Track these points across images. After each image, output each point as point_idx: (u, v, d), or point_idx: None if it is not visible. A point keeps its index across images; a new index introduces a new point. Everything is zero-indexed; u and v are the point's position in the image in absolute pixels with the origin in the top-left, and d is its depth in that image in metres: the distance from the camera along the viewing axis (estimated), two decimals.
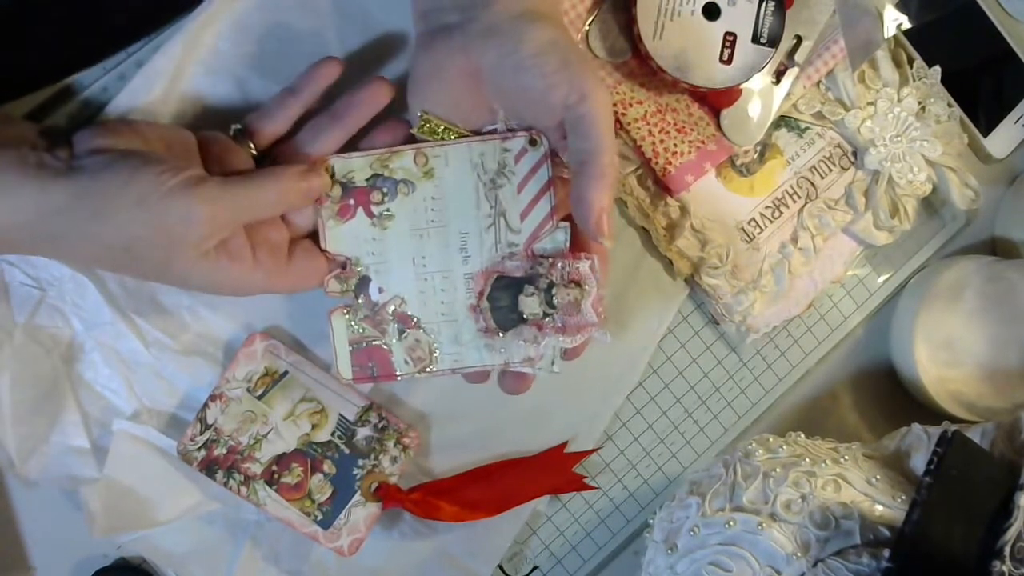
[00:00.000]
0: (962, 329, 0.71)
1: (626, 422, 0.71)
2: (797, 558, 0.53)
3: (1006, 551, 0.48)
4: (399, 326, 0.59)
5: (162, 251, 0.52)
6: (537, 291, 0.57)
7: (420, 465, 0.67)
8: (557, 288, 0.57)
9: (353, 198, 0.59)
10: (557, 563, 0.70)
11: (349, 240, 0.59)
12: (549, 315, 0.57)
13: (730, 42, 0.64)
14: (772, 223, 0.70)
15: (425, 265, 0.59)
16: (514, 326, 0.58)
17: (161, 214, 0.51)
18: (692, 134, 0.67)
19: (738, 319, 0.70)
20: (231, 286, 0.56)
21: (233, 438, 0.63)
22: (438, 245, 0.59)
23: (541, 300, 0.57)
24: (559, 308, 0.57)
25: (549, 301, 0.57)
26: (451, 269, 0.59)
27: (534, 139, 0.57)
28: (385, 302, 0.59)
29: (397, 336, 0.59)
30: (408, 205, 0.58)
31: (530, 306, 0.57)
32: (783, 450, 0.60)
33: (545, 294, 0.57)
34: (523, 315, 0.57)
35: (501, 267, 0.58)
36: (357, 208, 0.59)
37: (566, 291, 0.57)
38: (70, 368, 0.63)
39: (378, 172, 0.58)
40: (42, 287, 0.62)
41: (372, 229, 0.59)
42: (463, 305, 0.59)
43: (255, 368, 0.63)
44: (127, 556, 0.65)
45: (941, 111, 0.71)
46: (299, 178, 0.56)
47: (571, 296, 0.57)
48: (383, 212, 0.59)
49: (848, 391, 0.75)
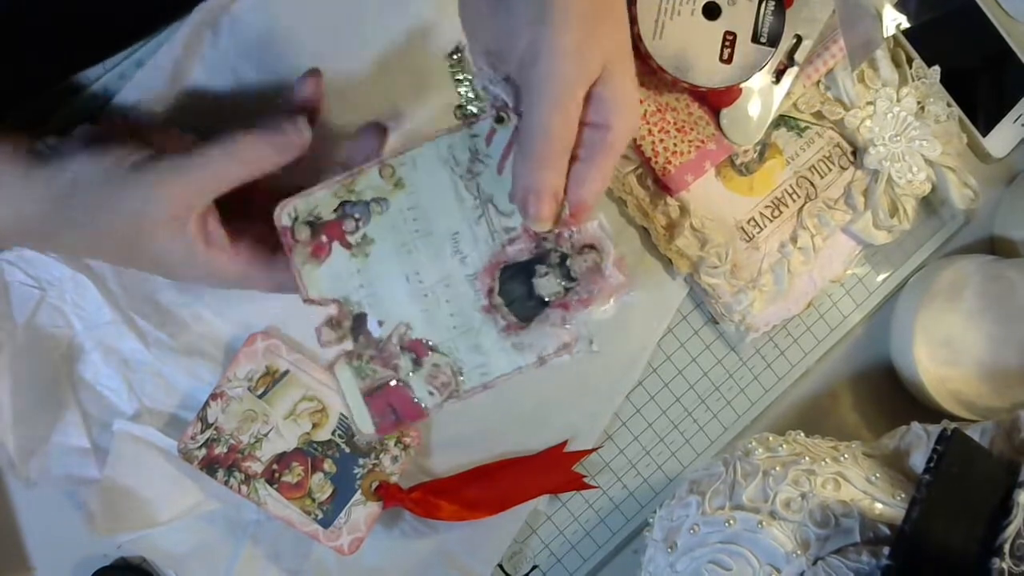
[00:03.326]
0: (961, 328, 0.71)
1: (626, 421, 0.71)
2: (797, 556, 0.53)
3: (1005, 548, 0.48)
4: (411, 356, 0.52)
5: (134, 232, 0.51)
6: (551, 268, 0.52)
7: (420, 464, 0.67)
8: (572, 258, 0.51)
9: (325, 234, 0.52)
10: (557, 562, 0.70)
11: (331, 280, 0.52)
12: (571, 289, 0.51)
13: (730, 41, 0.64)
14: (771, 222, 0.70)
15: (421, 281, 0.52)
16: (537, 313, 0.52)
17: (120, 198, 0.50)
18: (692, 133, 0.67)
19: (737, 318, 0.70)
20: (211, 275, 0.53)
21: (234, 437, 0.63)
22: (429, 255, 0.52)
23: (558, 276, 0.52)
24: (579, 279, 0.51)
25: (567, 274, 0.51)
26: (451, 275, 0.52)
27: (500, 116, 0.51)
28: (389, 334, 0.52)
29: (412, 368, 0.52)
30: (386, 223, 0.52)
31: (548, 286, 0.52)
32: (783, 449, 0.60)
33: (560, 268, 0.51)
34: (543, 299, 0.52)
35: (504, 256, 0.52)
36: (332, 243, 0.52)
37: (582, 258, 0.51)
38: (70, 368, 0.63)
39: (345, 199, 0.52)
40: (42, 287, 0.62)
41: (353, 261, 0.52)
42: (475, 310, 0.52)
43: (256, 367, 0.63)
44: (127, 556, 0.65)
45: (940, 111, 0.71)
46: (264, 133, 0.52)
47: (589, 261, 0.51)
48: (360, 239, 0.52)
49: (848, 390, 0.75)
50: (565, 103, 0.47)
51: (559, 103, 0.46)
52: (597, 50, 0.47)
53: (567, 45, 0.46)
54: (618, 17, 0.49)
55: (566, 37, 0.45)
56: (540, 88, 0.46)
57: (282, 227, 0.52)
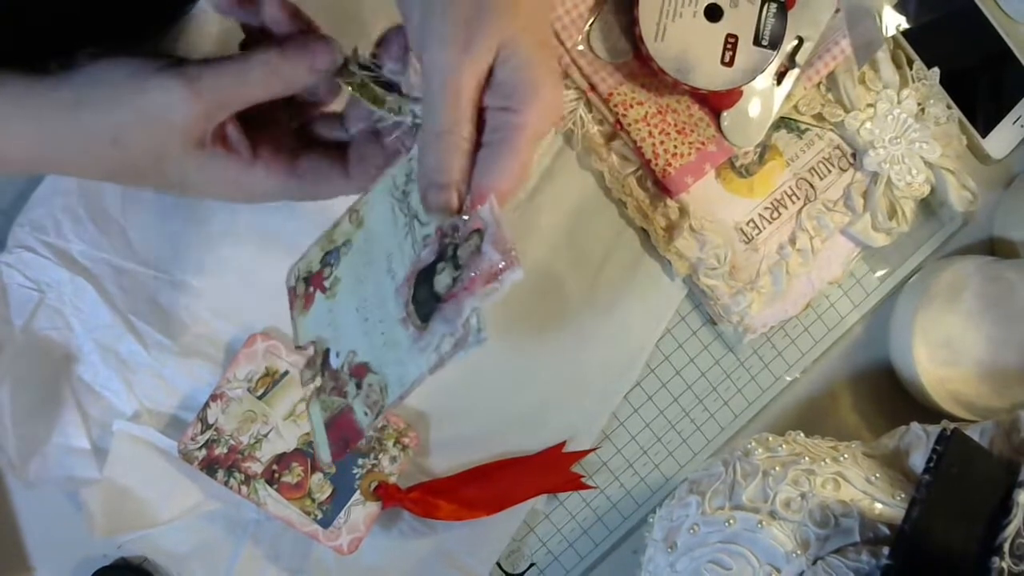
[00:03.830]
0: (961, 329, 0.71)
1: (623, 421, 0.71)
2: (797, 556, 0.53)
3: (1005, 548, 0.48)
4: (356, 380, 0.52)
5: (149, 139, 0.48)
6: (446, 262, 0.49)
7: (419, 464, 0.67)
8: (460, 246, 0.48)
9: (312, 285, 0.55)
10: (554, 560, 0.71)
11: (313, 325, 0.54)
12: (457, 278, 0.48)
13: (732, 44, 0.64)
14: (771, 224, 0.70)
15: (365, 307, 0.52)
16: (433, 312, 0.49)
17: (143, 95, 0.47)
18: (692, 135, 0.67)
19: (736, 319, 0.70)
20: (232, 184, 0.51)
21: (234, 437, 0.63)
22: (374, 282, 0.52)
23: (451, 269, 0.49)
24: (464, 266, 0.48)
25: (456, 264, 0.49)
26: (384, 295, 0.52)
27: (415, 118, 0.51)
28: (343, 364, 0.53)
29: (355, 391, 0.52)
30: (348, 261, 0.54)
31: (442, 281, 0.49)
32: (782, 449, 0.60)
33: (452, 261, 0.49)
34: (439, 295, 0.49)
35: (420, 263, 0.50)
36: (315, 292, 0.55)
37: (469, 244, 0.48)
38: (70, 369, 0.63)
39: (327, 250, 0.54)
40: (41, 289, 0.62)
41: (326, 303, 0.54)
42: (397, 322, 0.51)
43: (256, 368, 0.63)
44: (127, 556, 0.65)
45: (940, 112, 0.71)
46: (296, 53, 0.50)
47: (472, 246, 0.48)
48: (332, 281, 0.54)
49: (847, 390, 0.75)
50: (449, 86, 0.46)
51: (442, 91, 0.46)
52: (487, 34, 0.46)
53: (446, 32, 0.45)
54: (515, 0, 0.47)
55: (445, 24, 0.45)
56: (428, 78, 0.46)
57: (289, 288, 0.55)
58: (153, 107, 0.48)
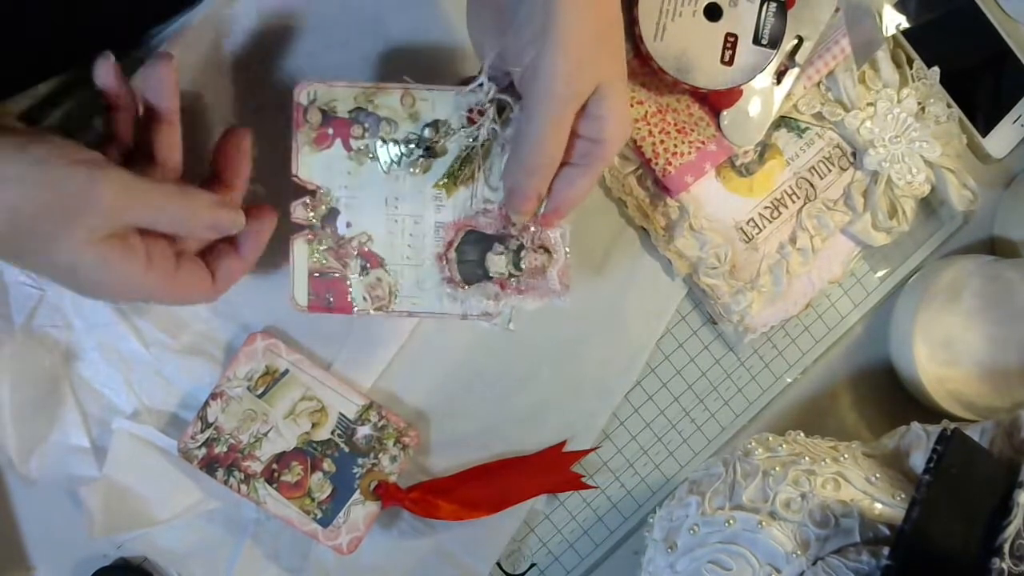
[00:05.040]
0: (961, 328, 0.71)
1: (624, 421, 0.71)
2: (797, 556, 0.53)
3: (1005, 548, 0.48)
4: (363, 263, 0.58)
5: (51, 224, 0.47)
6: (506, 251, 0.58)
7: (419, 464, 0.67)
8: (526, 252, 0.57)
9: (332, 127, 0.57)
10: (554, 560, 0.71)
11: (322, 169, 0.57)
12: (514, 276, 0.58)
13: (731, 43, 0.64)
14: (771, 223, 0.70)
15: (397, 207, 0.58)
16: (478, 281, 0.58)
17: (60, 179, 0.47)
18: (692, 134, 0.67)
19: (736, 319, 0.70)
20: (118, 285, 0.51)
21: (234, 436, 0.63)
22: (413, 189, 0.58)
23: (508, 260, 0.58)
24: (525, 271, 0.58)
25: (516, 263, 0.58)
26: (423, 215, 0.58)
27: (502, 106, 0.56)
28: (352, 237, 0.58)
29: (359, 272, 0.58)
30: (389, 150, 0.57)
31: (497, 265, 0.58)
32: (782, 449, 0.60)
33: (513, 255, 0.58)
34: (488, 272, 0.58)
35: (474, 221, 0.58)
36: (335, 139, 0.57)
37: (535, 255, 0.58)
38: (70, 367, 0.63)
39: (362, 106, 0.57)
40: (41, 287, 0.62)
41: (348, 163, 0.57)
42: (430, 252, 0.58)
43: (256, 367, 0.63)
44: (127, 556, 0.65)
45: (940, 112, 0.71)
46: (210, 207, 0.53)
47: (539, 261, 0.58)
48: (362, 147, 0.57)
49: (847, 390, 0.75)
50: (556, 120, 0.51)
51: (550, 120, 0.51)
52: (592, 73, 0.51)
53: (563, 68, 0.49)
54: (616, 44, 0.53)
55: (562, 61, 0.49)
56: (536, 103, 0.51)
57: (296, 104, 0.57)
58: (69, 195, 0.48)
